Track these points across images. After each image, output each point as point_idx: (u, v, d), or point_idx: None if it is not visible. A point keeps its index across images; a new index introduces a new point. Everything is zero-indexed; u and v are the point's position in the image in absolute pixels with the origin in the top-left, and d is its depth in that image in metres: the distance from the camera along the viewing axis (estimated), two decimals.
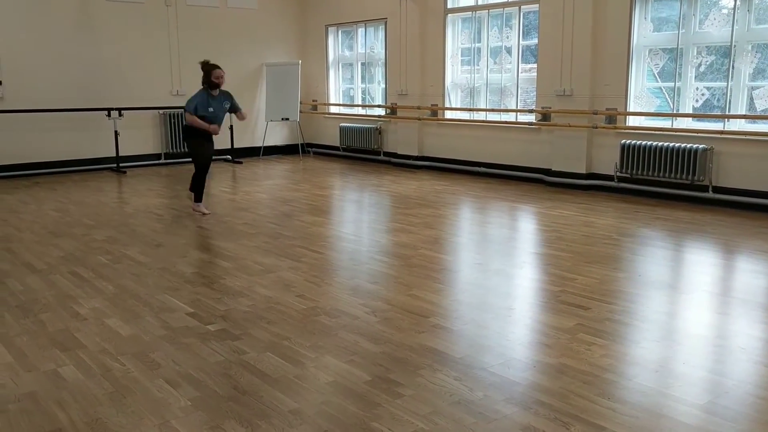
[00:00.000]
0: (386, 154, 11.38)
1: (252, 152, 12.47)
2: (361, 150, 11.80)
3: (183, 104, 7.32)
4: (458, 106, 10.26)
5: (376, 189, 9.06)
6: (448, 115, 10.36)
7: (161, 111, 11.28)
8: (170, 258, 5.47)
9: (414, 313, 4.07)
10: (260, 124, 12.50)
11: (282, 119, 12.36)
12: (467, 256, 5.64)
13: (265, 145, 12.57)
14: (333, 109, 12.59)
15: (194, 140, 7.15)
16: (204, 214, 7.17)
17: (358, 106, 12.22)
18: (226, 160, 11.90)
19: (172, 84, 11.39)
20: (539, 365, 3.34)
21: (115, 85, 10.83)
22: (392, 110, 11.10)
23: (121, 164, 10.78)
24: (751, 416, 2.81)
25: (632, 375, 3.23)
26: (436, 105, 10.38)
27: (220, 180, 10.03)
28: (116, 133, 10.56)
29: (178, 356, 3.47)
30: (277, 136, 12.84)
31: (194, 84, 11.64)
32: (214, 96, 7.07)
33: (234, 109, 7.34)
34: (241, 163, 11.70)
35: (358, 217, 7.60)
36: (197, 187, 7.22)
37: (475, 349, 3.55)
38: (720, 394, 2.98)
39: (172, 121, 11.34)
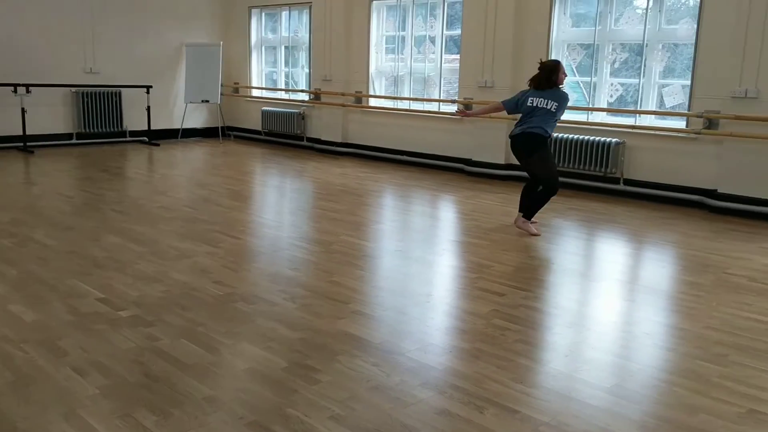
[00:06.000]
0: (309, 139, 11.29)
1: (170, 134, 12.10)
2: (284, 135, 11.65)
3: (98, 82, 6.89)
4: (382, 94, 10.26)
5: (298, 175, 8.97)
6: (372, 102, 10.36)
7: (73, 89, 10.77)
8: (80, 241, 5.24)
9: (334, 300, 4.06)
10: (179, 106, 12.14)
11: (202, 101, 12.05)
12: (388, 243, 5.66)
13: (183, 127, 12.22)
14: (255, 93, 12.37)
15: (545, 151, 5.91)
16: (533, 234, 5.82)
17: (281, 90, 12.05)
18: (141, 142, 11.50)
19: (85, 61, 10.89)
20: (455, 350, 3.40)
21: (22, 60, 10.24)
22: (316, 96, 11.00)
23: (28, 143, 10.24)
24: (653, 398, 2.94)
25: (544, 360, 3.33)
26: (361, 92, 10.35)
27: (135, 162, 9.68)
28: (23, 111, 10.02)
29: (86, 343, 3.33)
30: (196, 119, 12.51)
31: (110, 61, 11.26)
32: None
33: None
34: (158, 145, 11.34)
35: (279, 202, 7.51)
36: (538, 204, 5.92)
37: (393, 334, 3.56)
38: (626, 378, 3.11)
39: (85, 99, 10.85)
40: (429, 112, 9.52)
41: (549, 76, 5.80)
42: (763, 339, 3.57)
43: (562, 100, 5.82)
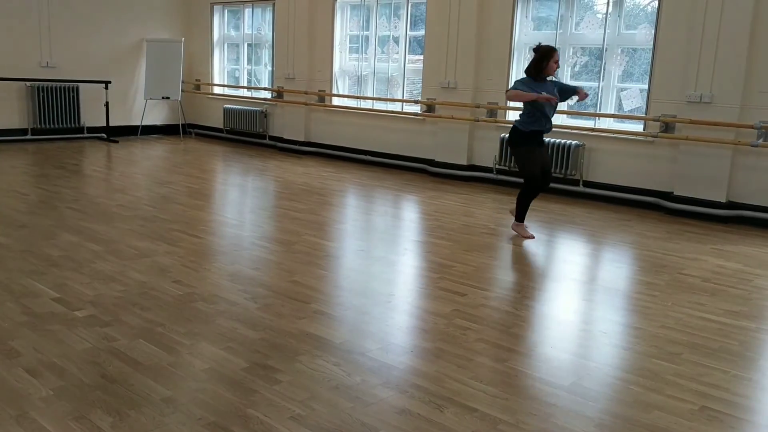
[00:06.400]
0: (272, 138, 11.21)
1: (129, 131, 11.88)
2: (246, 133, 11.55)
3: (54, 77, 6.70)
4: (345, 94, 10.25)
5: (260, 173, 8.90)
6: (336, 101, 10.34)
7: (28, 83, 10.51)
8: (35, 240, 5.12)
9: (295, 299, 4.04)
10: (138, 102, 11.94)
11: (162, 98, 11.86)
12: (351, 243, 5.66)
13: (143, 124, 12.03)
14: (217, 90, 12.24)
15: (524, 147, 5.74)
16: (526, 237, 5.76)
17: (243, 87, 11.95)
18: (100, 139, 11.28)
19: (41, 55, 10.63)
20: (416, 350, 3.41)
21: None
22: (279, 94, 10.94)
23: None
24: (609, 396, 3.00)
25: (504, 358, 3.36)
26: (324, 91, 10.32)
27: (93, 159, 9.49)
28: None
29: (40, 344, 3.25)
30: (156, 115, 12.31)
31: (67, 55, 11.00)
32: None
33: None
34: (116, 142, 11.13)
35: (240, 201, 7.45)
36: (517, 203, 5.84)
37: (354, 334, 3.56)
38: (583, 376, 3.16)
39: (41, 94, 10.60)
40: (392, 112, 9.54)
41: (537, 63, 5.50)
42: (715, 338, 3.67)
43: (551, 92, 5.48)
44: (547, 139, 7.67)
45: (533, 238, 5.74)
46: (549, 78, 5.64)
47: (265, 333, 3.50)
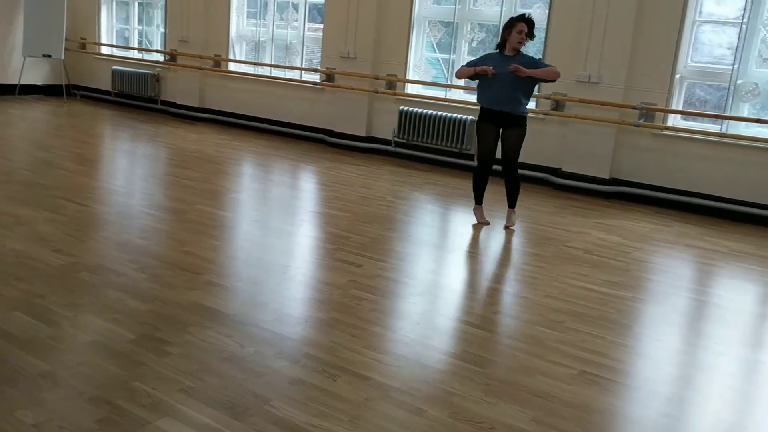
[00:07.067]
0: (164, 103, 10.76)
1: (5, 90, 11.04)
2: (136, 97, 11.02)
3: None
4: (243, 59, 9.97)
5: (151, 140, 8.54)
6: (232, 67, 10.03)
7: None
8: None
9: (186, 270, 3.92)
10: (16, 59, 11.10)
11: (43, 56, 11.09)
12: (246, 213, 5.55)
13: (21, 83, 11.20)
14: (105, 50, 11.58)
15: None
16: (480, 222, 5.54)
17: (133, 49, 11.36)
18: None
19: None
20: (311, 320, 3.41)
21: None
22: (172, 57, 10.49)
23: None
24: (496, 361, 3.11)
25: (397, 327, 3.42)
26: (220, 56, 9.99)
27: None
28: None
29: None
30: (36, 75, 11.50)
31: None
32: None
33: None
34: None
35: (129, 168, 7.12)
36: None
37: (248, 305, 3.51)
38: (473, 343, 3.26)
39: None
40: (291, 80, 9.38)
41: (501, 34, 5.27)
42: (595, 306, 3.88)
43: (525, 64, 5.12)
44: (450, 115, 7.81)
45: (487, 224, 5.50)
46: (518, 52, 5.22)
47: (153, 304, 3.39)
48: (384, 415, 2.55)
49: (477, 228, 5.55)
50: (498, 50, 5.37)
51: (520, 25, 5.18)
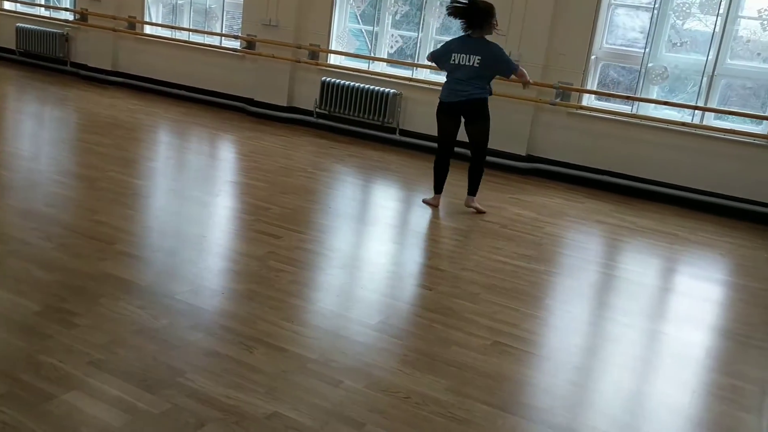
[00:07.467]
0: (74, 65, 10.22)
1: None
2: (44, 57, 10.41)
3: None
4: (159, 22, 9.58)
5: (60, 103, 8.12)
6: (148, 30, 9.62)
7: None
8: None
9: (97, 240, 3.78)
10: None
11: None
12: (162, 182, 5.39)
13: None
14: (7, 5, 10.87)
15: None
16: (431, 205, 5.38)
17: (40, 6, 10.72)
18: None
19: None
20: (228, 292, 3.36)
21: None
22: (82, 16, 9.96)
23: None
24: (413, 333, 3.16)
25: (316, 300, 3.41)
26: (135, 17, 9.56)
27: None
28: None
29: None
30: None
31: None
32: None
33: None
34: None
35: (36, 132, 6.75)
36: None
37: (162, 276, 3.42)
38: (391, 315, 3.30)
39: None
40: (210, 46, 9.09)
41: (485, 17, 4.99)
42: (509, 279, 3.99)
43: (491, 55, 5.02)
44: (373, 87, 7.78)
45: (436, 206, 5.36)
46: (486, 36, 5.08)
47: (61, 275, 3.25)
48: (301, 387, 2.55)
49: (397, 202, 5.59)
50: (466, 34, 5.11)
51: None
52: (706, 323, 3.81)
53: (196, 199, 4.92)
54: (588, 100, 7.04)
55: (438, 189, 5.42)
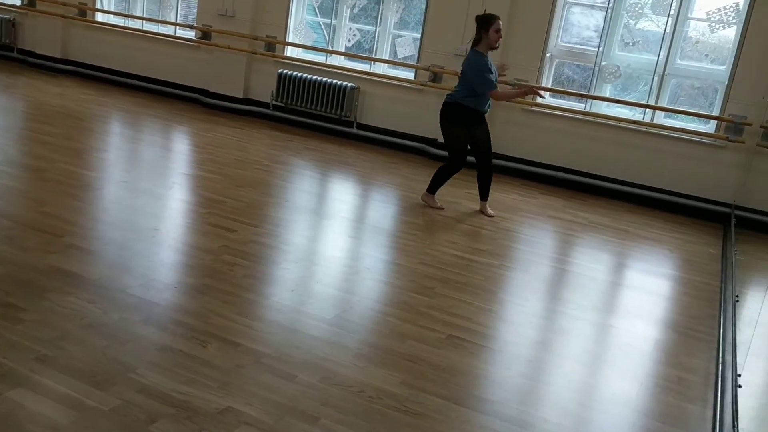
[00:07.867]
0: (21, 51, 9.90)
1: None
2: None
3: None
4: (111, 10, 9.35)
5: (6, 91, 7.86)
6: (99, 17, 9.38)
7: None
8: None
9: (44, 232, 3.67)
10: None
11: None
12: (113, 174, 5.27)
13: None
14: None
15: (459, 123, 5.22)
16: (435, 208, 5.34)
17: None
18: None
19: None
20: (181, 286, 3.30)
21: None
22: (30, 2, 9.66)
23: None
24: (368, 327, 3.17)
25: (271, 294, 3.39)
26: (86, 4, 9.31)
27: None
28: None
29: None
30: None
31: None
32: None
33: None
34: None
35: None
36: (439, 179, 5.39)
37: (113, 270, 3.35)
38: (346, 309, 3.29)
39: None
40: (164, 35, 8.91)
41: (477, 29, 5.04)
42: (464, 273, 4.02)
43: (467, 64, 5.06)
44: (330, 81, 7.74)
45: (443, 209, 5.35)
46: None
47: (6, 268, 3.15)
48: (255, 381, 2.53)
49: (354, 196, 5.58)
50: (478, 50, 5.08)
51: (497, 23, 4.99)
52: (653, 317, 3.91)
53: (148, 192, 4.83)
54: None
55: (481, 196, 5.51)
